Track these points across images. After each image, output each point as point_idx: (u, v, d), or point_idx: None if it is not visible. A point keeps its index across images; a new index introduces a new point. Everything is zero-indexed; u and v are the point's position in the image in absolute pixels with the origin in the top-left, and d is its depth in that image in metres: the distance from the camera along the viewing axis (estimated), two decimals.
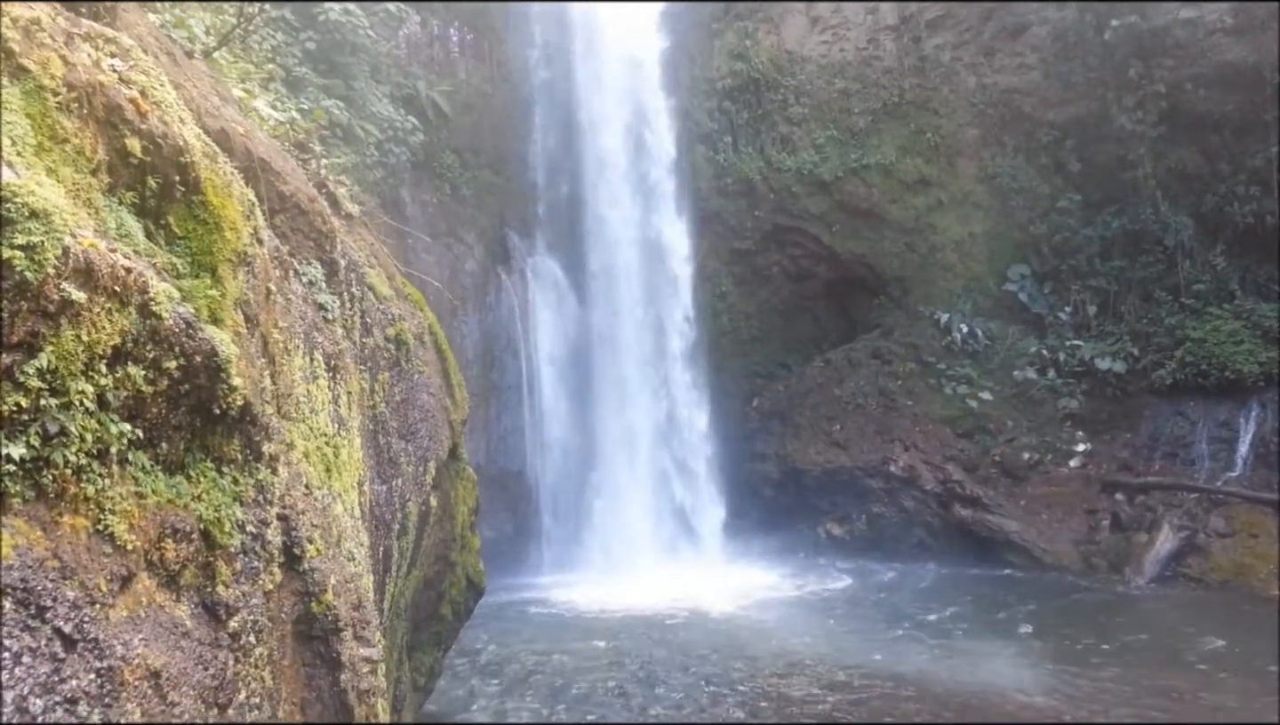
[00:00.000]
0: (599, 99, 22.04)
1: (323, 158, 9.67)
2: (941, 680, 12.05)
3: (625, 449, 21.15)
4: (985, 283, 23.23)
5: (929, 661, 12.92)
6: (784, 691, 11.74)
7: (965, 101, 23.70)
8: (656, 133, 22.67)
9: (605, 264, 21.86)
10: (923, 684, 11.89)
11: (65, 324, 2.96)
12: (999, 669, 12.51)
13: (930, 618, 15.59)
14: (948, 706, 11.00)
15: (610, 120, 22.08)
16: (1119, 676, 12.04)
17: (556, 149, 22.09)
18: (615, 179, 22.00)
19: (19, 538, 2.77)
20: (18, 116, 3.37)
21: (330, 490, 5.21)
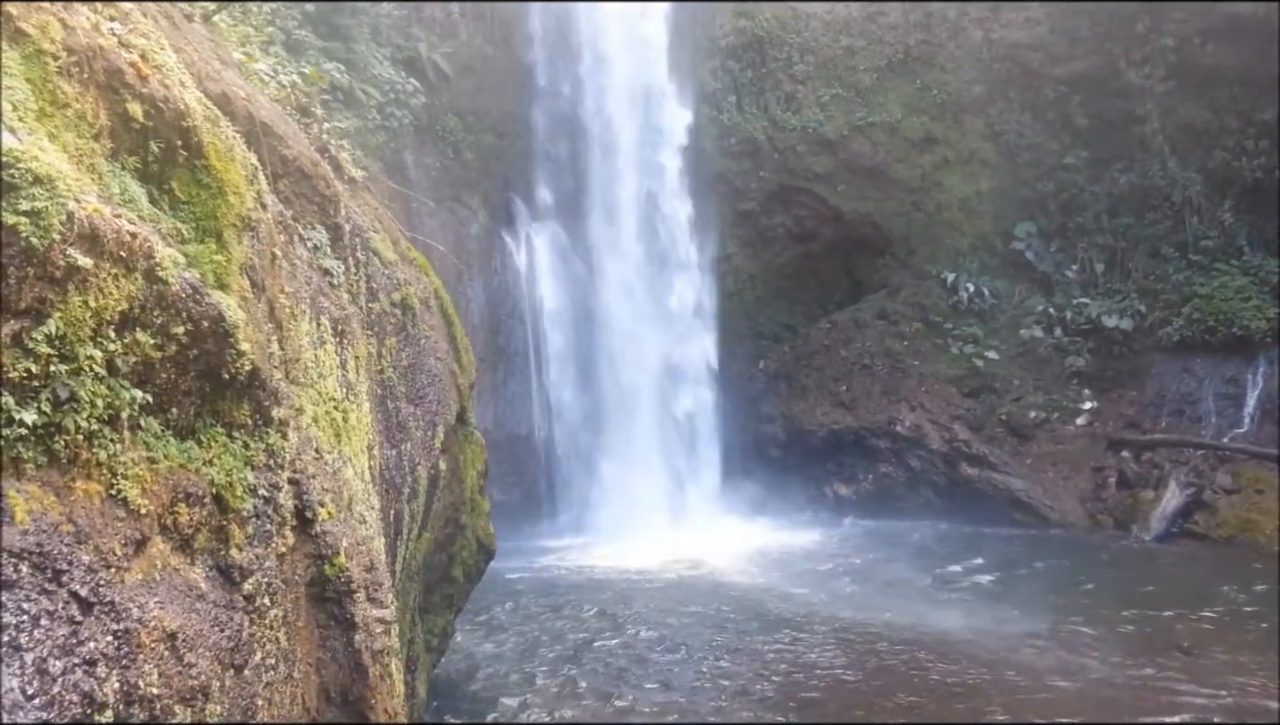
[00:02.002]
0: (602, 60, 21.81)
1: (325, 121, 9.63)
2: (952, 634, 12.13)
3: (632, 412, 21.19)
4: (991, 241, 23.10)
5: (938, 618, 13.01)
6: (794, 650, 11.80)
7: (971, 57, 23.41)
8: (661, 93, 22.45)
9: (610, 226, 21.75)
10: (932, 639, 11.97)
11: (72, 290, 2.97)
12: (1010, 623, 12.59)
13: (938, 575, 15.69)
14: (959, 661, 11.04)
15: (614, 81, 21.85)
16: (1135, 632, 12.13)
17: (559, 111, 21.90)
18: (619, 140, 21.83)
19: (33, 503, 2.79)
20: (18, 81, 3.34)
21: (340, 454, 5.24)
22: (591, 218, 21.76)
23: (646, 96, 22.27)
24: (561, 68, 21.80)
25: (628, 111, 21.95)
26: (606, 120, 21.74)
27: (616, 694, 10.45)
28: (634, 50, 22.16)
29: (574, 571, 16.88)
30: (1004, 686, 10.21)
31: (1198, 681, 10.12)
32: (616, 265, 21.67)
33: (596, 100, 21.74)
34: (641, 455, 20.90)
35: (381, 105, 17.62)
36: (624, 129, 21.89)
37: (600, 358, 21.37)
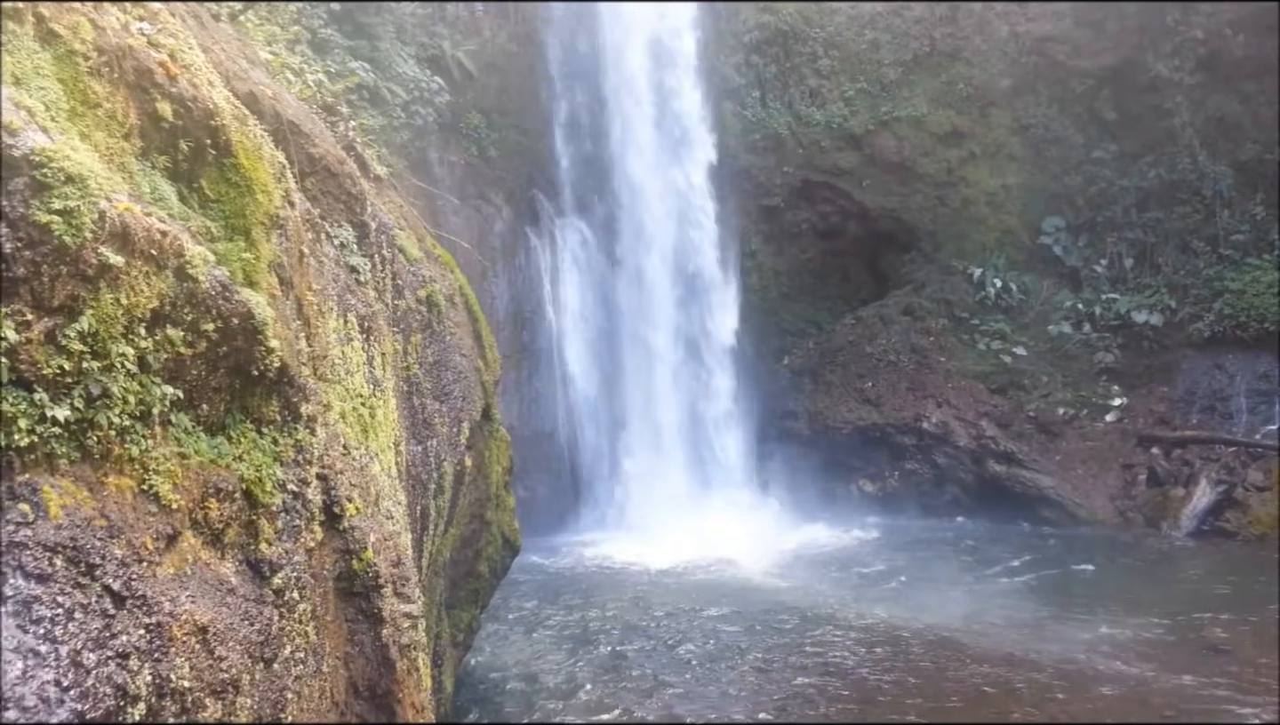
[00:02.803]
0: (625, 57, 21.79)
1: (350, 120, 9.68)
2: (986, 636, 11.96)
3: (655, 409, 21.18)
4: (1019, 236, 22.90)
5: (970, 618, 12.83)
6: (822, 651, 11.68)
7: (998, 51, 23.21)
8: (684, 90, 22.40)
9: (633, 223, 21.74)
10: (965, 640, 11.81)
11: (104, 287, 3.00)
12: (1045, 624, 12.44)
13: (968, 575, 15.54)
14: (994, 664, 10.88)
15: (637, 78, 21.83)
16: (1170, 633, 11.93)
17: (583, 108, 21.90)
18: (642, 137, 21.81)
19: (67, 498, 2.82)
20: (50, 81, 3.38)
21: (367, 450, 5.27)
22: (615, 214, 21.76)
23: (669, 93, 22.23)
24: (585, 65, 21.81)
25: (651, 107, 21.93)
26: (629, 116, 21.73)
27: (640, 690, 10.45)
28: (657, 46, 22.13)
29: (599, 568, 16.90)
30: (1041, 691, 10.01)
31: (1239, 689, 9.86)
32: (640, 260, 21.66)
33: (619, 96, 21.73)
34: (665, 452, 20.89)
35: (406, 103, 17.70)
36: (647, 125, 21.87)
37: (624, 354, 21.38)
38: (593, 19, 21.69)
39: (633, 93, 21.80)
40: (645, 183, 21.75)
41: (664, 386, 21.35)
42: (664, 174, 21.97)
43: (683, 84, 22.39)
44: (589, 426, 21.08)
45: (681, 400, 21.52)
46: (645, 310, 21.55)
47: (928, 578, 15.33)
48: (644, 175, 21.75)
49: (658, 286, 21.69)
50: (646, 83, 21.93)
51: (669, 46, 22.34)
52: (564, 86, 21.89)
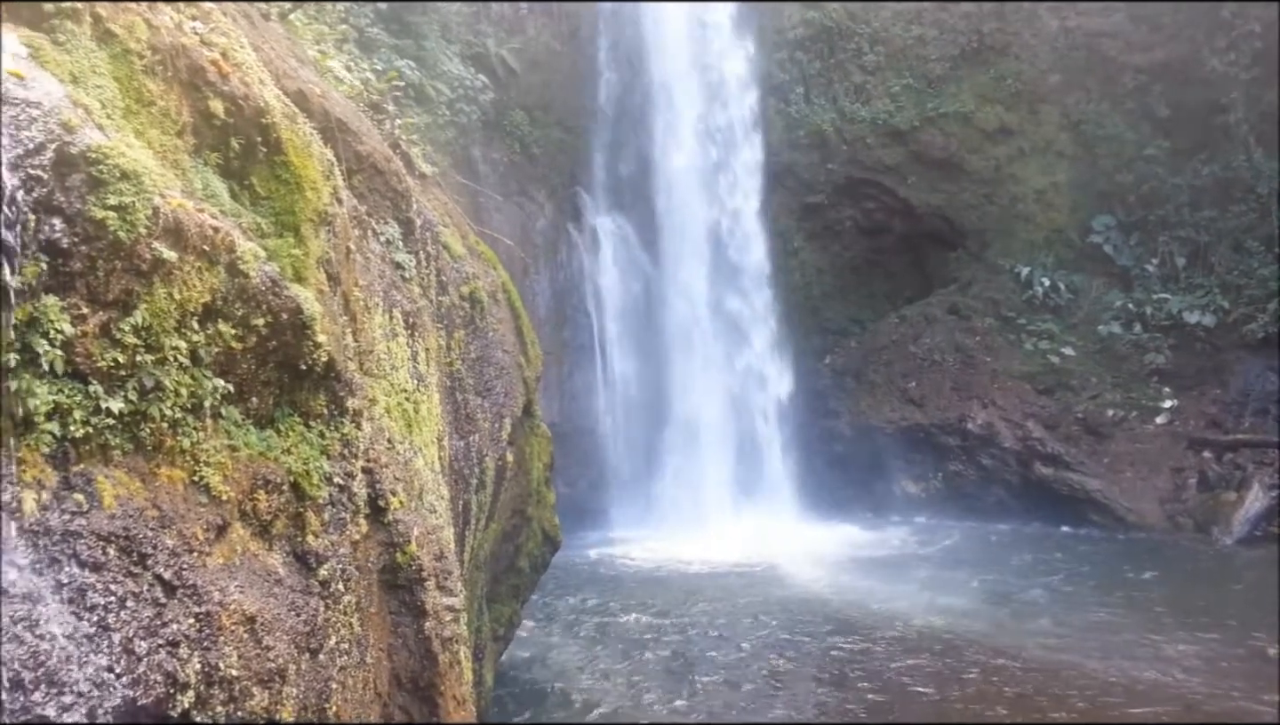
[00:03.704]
0: (668, 55, 21.78)
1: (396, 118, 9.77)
2: (1033, 643, 11.67)
3: (697, 406, 21.15)
4: (1068, 234, 22.53)
5: (1018, 624, 12.54)
6: (865, 656, 11.50)
7: (1048, 46, 22.85)
8: (727, 87, 22.35)
9: (676, 220, 21.72)
10: (1013, 648, 11.54)
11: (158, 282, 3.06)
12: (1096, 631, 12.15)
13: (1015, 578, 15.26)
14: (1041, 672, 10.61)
15: (680, 75, 21.82)
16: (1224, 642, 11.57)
17: (626, 105, 21.92)
18: (684, 134, 21.79)
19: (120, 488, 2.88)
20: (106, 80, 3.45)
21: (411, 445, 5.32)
22: (657, 211, 21.76)
23: (712, 89, 22.19)
24: (627, 62, 21.83)
25: (693, 105, 21.91)
26: (672, 114, 21.73)
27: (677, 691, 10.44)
28: (700, 44, 22.10)
29: (639, 566, 16.91)
30: (1090, 700, 9.76)
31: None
32: (682, 258, 21.64)
33: (662, 94, 21.73)
34: (706, 450, 20.86)
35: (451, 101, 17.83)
36: (689, 122, 21.85)
37: (665, 352, 21.37)
38: (636, 16, 21.70)
39: (675, 90, 21.78)
40: (687, 180, 21.73)
41: (705, 385, 21.31)
42: (706, 171, 21.94)
43: (726, 81, 22.34)
44: (629, 424, 21.10)
45: (723, 398, 21.47)
46: (686, 307, 21.53)
47: (974, 582, 15.06)
48: (686, 172, 21.73)
49: (699, 284, 21.66)
50: (689, 80, 21.91)
51: (712, 44, 22.31)
52: (607, 84, 21.94)
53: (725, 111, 22.28)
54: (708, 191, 21.92)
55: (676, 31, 21.84)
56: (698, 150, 21.88)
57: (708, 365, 21.42)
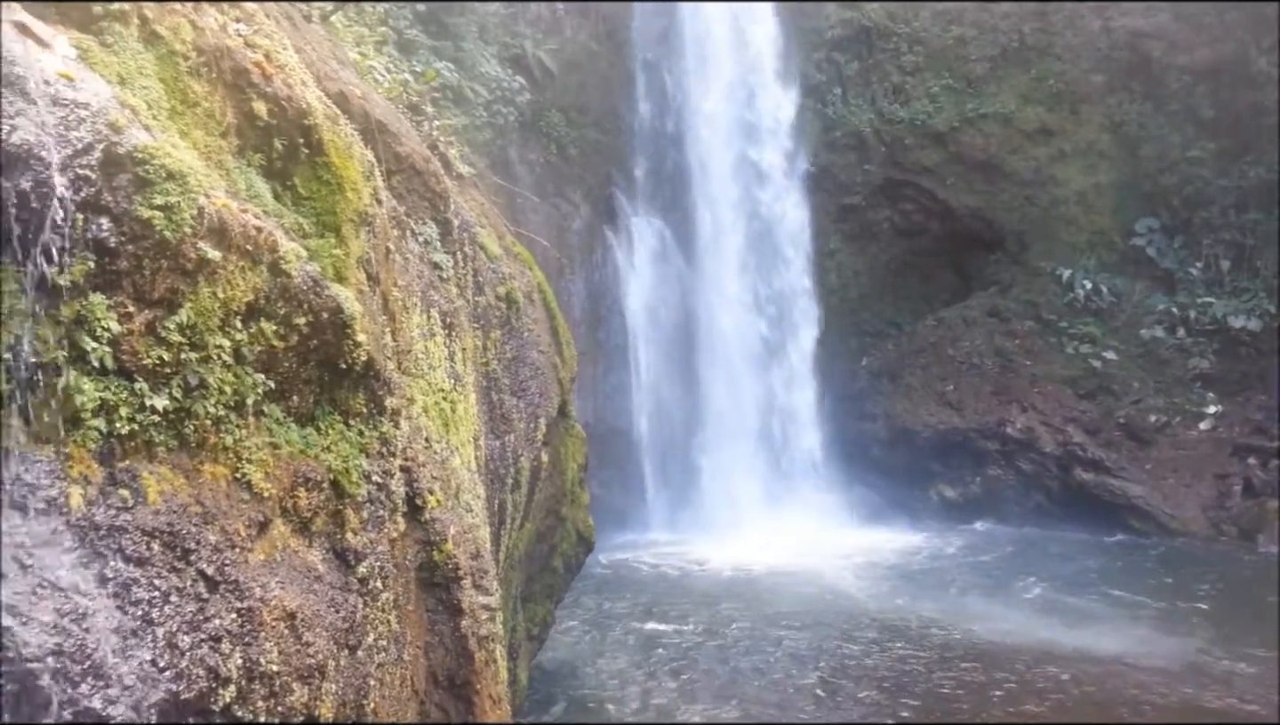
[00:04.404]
0: (706, 56, 21.75)
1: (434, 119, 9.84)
2: (1079, 655, 11.40)
3: (732, 408, 21.08)
4: (1110, 237, 22.19)
5: (1061, 635, 12.26)
6: (902, 664, 11.35)
7: (1090, 46, 22.52)
8: (764, 88, 22.27)
9: (711, 221, 21.67)
10: (1059, 657, 11.27)
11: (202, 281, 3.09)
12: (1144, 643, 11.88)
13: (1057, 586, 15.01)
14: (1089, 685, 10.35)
15: (717, 77, 21.78)
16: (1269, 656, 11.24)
17: (662, 106, 21.92)
18: (722, 136, 21.74)
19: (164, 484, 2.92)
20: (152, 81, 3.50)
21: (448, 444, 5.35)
22: (693, 212, 21.72)
23: (750, 90, 22.12)
24: (664, 62, 21.82)
25: (730, 105, 21.84)
26: (709, 115, 21.68)
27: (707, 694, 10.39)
28: (737, 44, 22.04)
29: (672, 568, 16.88)
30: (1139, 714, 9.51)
31: None
32: (717, 260, 21.58)
33: (699, 95, 21.69)
34: (741, 452, 20.77)
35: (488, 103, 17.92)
36: (726, 123, 21.79)
37: (700, 353, 21.32)
38: (673, 17, 21.68)
39: (712, 91, 21.74)
40: (723, 181, 21.68)
41: (741, 386, 21.23)
42: (742, 172, 21.87)
43: (763, 82, 22.26)
44: (664, 425, 21.06)
45: (758, 400, 21.38)
46: (722, 309, 21.47)
47: (1015, 590, 14.84)
48: (722, 174, 21.68)
49: (735, 285, 21.59)
50: (727, 81, 21.86)
51: (750, 45, 22.24)
52: (644, 85, 21.94)
53: (762, 112, 22.19)
54: (744, 192, 21.85)
55: (713, 31, 21.79)
56: (734, 151, 21.82)
57: (743, 367, 21.34)
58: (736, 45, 22.00)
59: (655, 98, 21.92)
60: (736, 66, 21.94)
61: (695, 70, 21.67)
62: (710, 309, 21.45)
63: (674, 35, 21.77)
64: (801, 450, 21.45)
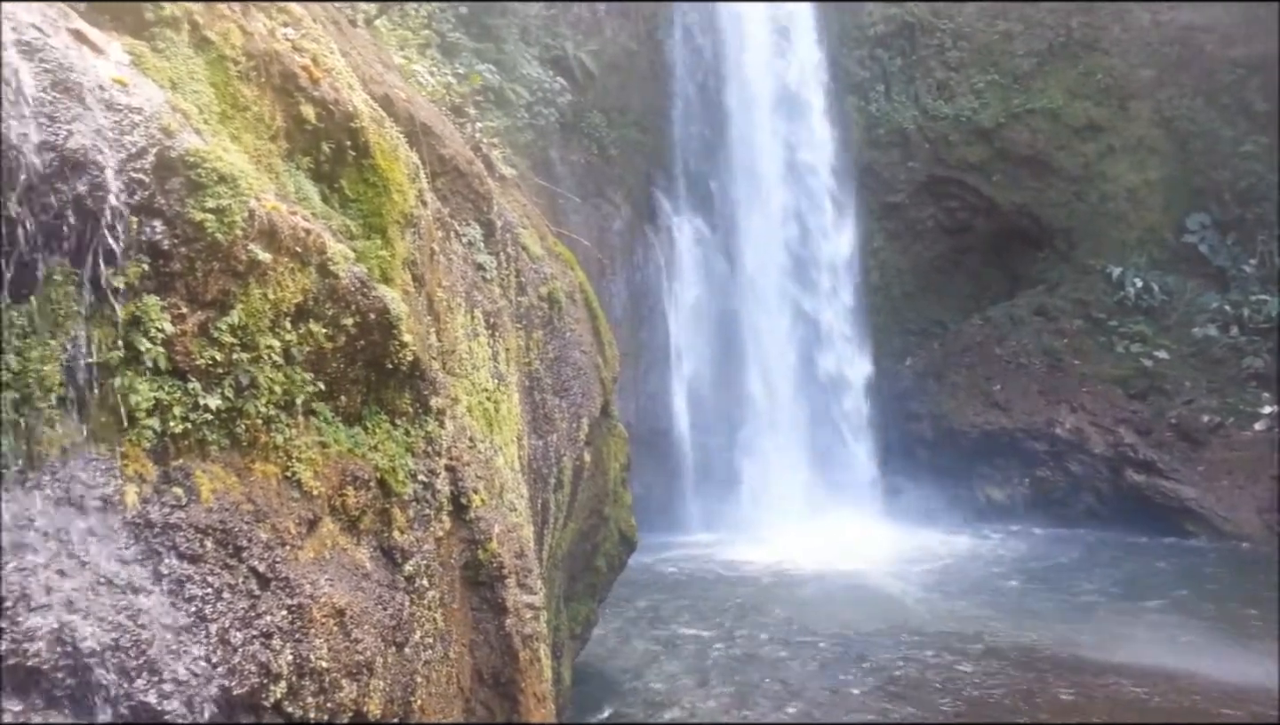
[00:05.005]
0: (746, 53, 21.68)
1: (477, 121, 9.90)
2: (1135, 666, 10.98)
3: (774, 408, 20.99)
4: (1161, 234, 21.77)
5: (1117, 642, 11.90)
6: (952, 671, 11.06)
7: (1139, 40, 22.11)
8: (806, 86, 22.15)
9: (752, 221, 21.60)
10: (1115, 666, 10.94)
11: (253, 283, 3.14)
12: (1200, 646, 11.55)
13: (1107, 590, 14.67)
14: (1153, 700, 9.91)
15: (757, 74, 21.70)
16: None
17: (702, 105, 21.88)
18: (762, 134, 21.65)
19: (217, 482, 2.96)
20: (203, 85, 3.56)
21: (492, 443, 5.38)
22: (734, 212, 21.66)
23: (790, 89, 22.01)
24: (705, 61, 21.78)
25: (771, 104, 21.75)
26: (749, 114, 21.61)
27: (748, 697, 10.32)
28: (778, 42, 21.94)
29: (714, 568, 16.83)
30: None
31: None
32: (759, 259, 21.50)
33: (739, 94, 21.63)
34: (783, 452, 20.67)
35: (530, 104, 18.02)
36: (767, 122, 21.71)
37: (742, 352, 21.26)
38: (713, 16, 21.64)
39: (753, 89, 21.66)
40: (765, 180, 21.59)
41: (783, 386, 21.13)
42: (784, 171, 21.77)
43: (805, 80, 22.13)
44: (706, 425, 21.02)
45: (800, 400, 21.26)
46: (764, 308, 21.38)
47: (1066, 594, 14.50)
48: (764, 172, 21.59)
49: (777, 284, 21.49)
50: (767, 79, 21.77)
51: (791, 42, 22.14)
52: (684, 84, 21.92)
53: (803, 110, 22.07)
54: (785, 191, 21.75)
55: (753, 30, 21.72)
56: (775, 150, 21.72)
57: (785, 367, 21.23)
58: (777, 44, 21.91)
59: (695, 97, 21.89)
60: (777, 65, 21.85)
61: (735, 69, 21.61)
62: (752, 308, 21.37)
63: (714, 35, 21.72)
64: (844, 450, 21.30)
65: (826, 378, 21.59)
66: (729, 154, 21.69)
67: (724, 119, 21.68)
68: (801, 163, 21.91)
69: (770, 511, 19.43)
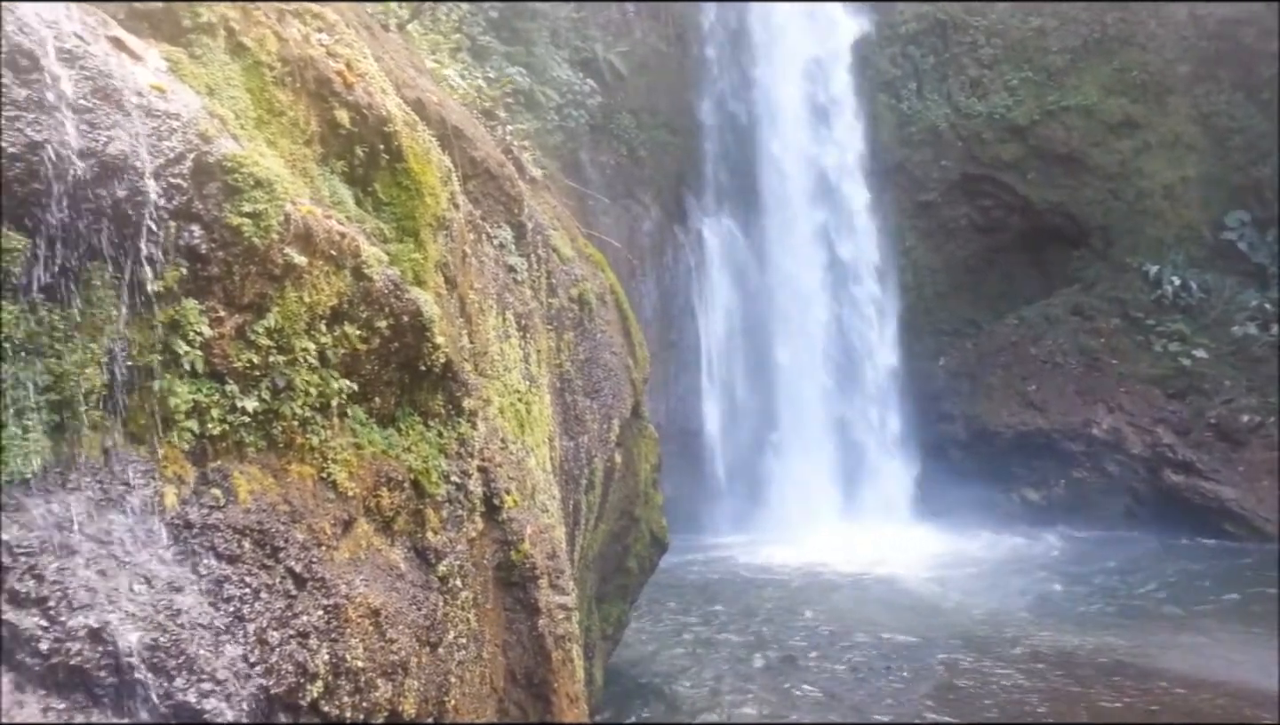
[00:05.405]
0: (775, 53, 21.60)
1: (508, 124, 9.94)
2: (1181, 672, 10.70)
3: (805, 409, 20.88)
4: (1199, 231, 21.41)
5: (1148, 642, 11.72)
6: (981, 672, 10.96)
7: (1175, 35, 21.77)
8: (836, 84, 22.04)
9: (782, 221, 21.52)
10: (1161, 672, 10.68)
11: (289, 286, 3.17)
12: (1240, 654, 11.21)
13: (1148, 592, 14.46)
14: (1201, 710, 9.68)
15: (787, 74, 21.61)
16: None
17: (732, 106, 21.84)
18: (792, 133, 21.56)
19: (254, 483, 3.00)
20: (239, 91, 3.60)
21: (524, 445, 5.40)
22: (764, 212, 21.59)
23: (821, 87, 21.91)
24: (735, 62, 21.74)
25: (802, 103, 21.66)
26: (779, 113, 21.53)
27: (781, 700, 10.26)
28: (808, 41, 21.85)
29: (746, 570, 16.76)
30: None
31: None
32: (789, 260, 21.42)
33: (769, 94, 21.56)
34: (815, 453, 20.57)
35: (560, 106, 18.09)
36: (797, 121, 21.62)
37: (772, 353, 21.18)
38: (743, 16, 21.59)
39: (783, 89, 21.58)
40: (795, 179, 21.50)
41: (814, 387, 21.03)
42: (814, 170, 21.66)
43: (835, 78, 22.02)
44: (736, 426, 20.97)
45: (832, 401, 21.14)
46: (795, 309, 21.29)
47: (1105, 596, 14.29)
48: (794, 172, 21.50)
49: (808, 284, 21.38)
50: (797, 78, 21.68)
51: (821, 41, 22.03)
52: (713, 85, 21.89)
53: (833, 110, 21.96)
54: (816, 191, 21.64)
55: (783, 29, 21.63)
56: (805, 149, 21.62)
57: (816, 367, 21.12)
58: (807, 44, 21.81)
59: (725, 98, 21.85)
60: (807, 65, 21.75)
61: (765, 70, 21.54)
62: (782, 308, 21.29)
63: (744, 35, 21.67)
64: (876, 451, 21.15)
65: (857, 377, 21.45)
66: (758, 154, 21.62)
67: (753, 120, 21.62)
68: (832, 163, 21.80)
69: (802, 513, 19.34)
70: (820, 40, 22.00)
